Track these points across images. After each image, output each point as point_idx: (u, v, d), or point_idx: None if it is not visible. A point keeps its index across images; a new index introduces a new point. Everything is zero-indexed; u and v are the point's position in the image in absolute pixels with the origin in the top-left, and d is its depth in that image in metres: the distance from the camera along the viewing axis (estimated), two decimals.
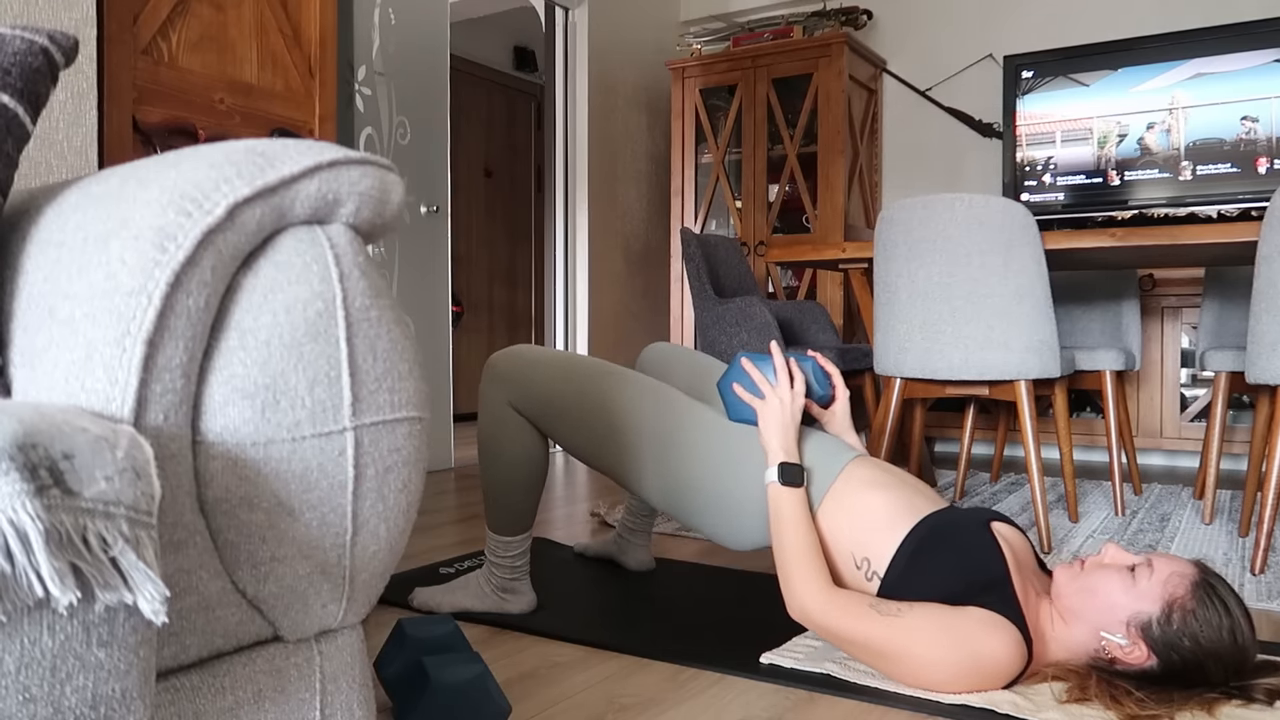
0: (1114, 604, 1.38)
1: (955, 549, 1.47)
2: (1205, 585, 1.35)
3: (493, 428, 1.77)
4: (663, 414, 1.68)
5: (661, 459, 1.66)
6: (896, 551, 1.49)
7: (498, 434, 1.77)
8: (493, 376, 1.78)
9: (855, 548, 1.53)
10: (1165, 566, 1.38)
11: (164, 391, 0.73)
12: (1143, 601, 1.36)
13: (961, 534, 1.49)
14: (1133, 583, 1.38)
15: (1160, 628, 1.34)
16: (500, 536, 1.82)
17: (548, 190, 4.77)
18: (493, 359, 1.81)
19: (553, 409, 1.73)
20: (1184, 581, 1.35)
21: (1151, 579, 1.37)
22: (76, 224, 0.79)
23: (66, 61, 0.92)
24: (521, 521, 1.82)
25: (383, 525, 0.85)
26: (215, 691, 0.80)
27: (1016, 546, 1.53)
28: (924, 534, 1.49)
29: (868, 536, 1.52)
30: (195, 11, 2.18)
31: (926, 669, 1.38)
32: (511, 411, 1.76)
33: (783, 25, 4.80)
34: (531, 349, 1.81)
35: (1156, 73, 4.04)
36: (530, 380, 1.75)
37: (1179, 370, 4.02)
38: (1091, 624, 1.39)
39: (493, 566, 1.84)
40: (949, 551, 1.47)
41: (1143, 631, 1.35)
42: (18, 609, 0.55)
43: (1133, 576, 1.38)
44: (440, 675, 1.21)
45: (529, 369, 1.76)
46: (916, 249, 2.50)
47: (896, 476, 1.62)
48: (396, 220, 0.90)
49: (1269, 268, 2.19)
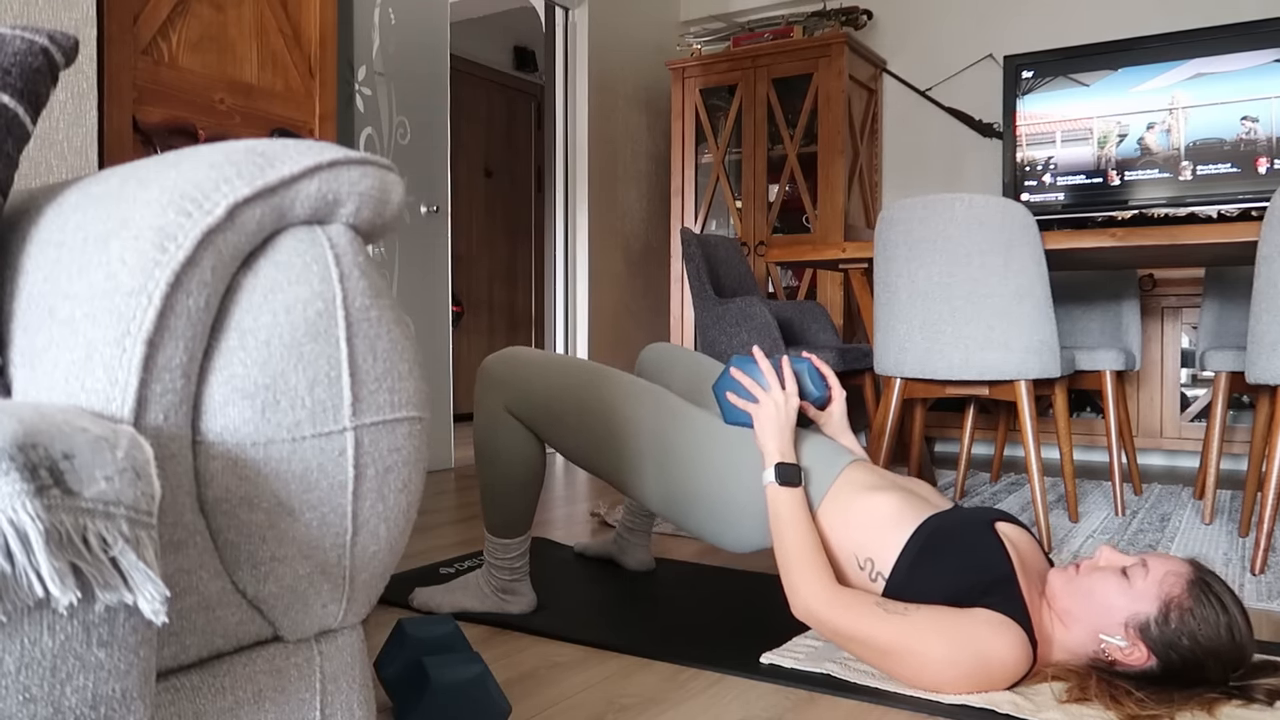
0: (1111, 606, 1.38)
1: (960, 550, 1.47)
2: (1201, 583, 1.35)
3: (488, 431, 1.77)
4: (659, 418, 1.67)
5: (659, 464, 1.65)
6: (901, 552, 1.49)
7: (493, 438, 1.76)
8: (487, 380, 1.77)
9: (857, 549, 1.53)
10: (1160, 566, 1.38)
11: (164, 391, 0.73)
12: (1140, 602, 1.36)
13: (966, 534, 1.49)
14: (1128, 584, 1.38)
15: (1158, 628, 1.34)
16: (498, 539, 1.82)
17: (548, 190, 4.77)
18: (486, 362, 1.79)
19: (548, 413, 1.72)
20: (1180, 580, 1.36)
21: (1147, 579, 1.37)
22: (76, 224, 0.79)
23: (67, 61, 0.92)
24: (519, 524, 1.81)
25: (383, 525, 0.85)
26: (215, 691, 0.80)
27: (1022, 546, 1.53)
28: (928, 534, 1.49)
29: (870, 537, 1.52)
30: (195, 11, 2.18)
31: (931, 669, 1.38)
32: (506, 415, 1.75)
33: (783, 25, 4.80)
34: (525, 351, 1.80)
35: (1156, 73, 4.04)
36: (525, 383, 1.74)
37: (1179, 370, 4.02)
38: (1090, 626, 1.39)
39: (492, 568, 1.84)
40: (953, 552, 1.46)
41: (1141, 632, 1.35)
42: (18, 609, 0.55)
43: (1128, 578, 1.38)
44: (440, 675, 1.21)
45: (523, 371, 1.75)
46: (916, 249, 2.50)
47: (894, 479, 1.63)
48: (396, 220, 0.90)
49: (1269, 268, 2.19)
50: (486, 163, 6.23)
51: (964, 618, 1.38)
